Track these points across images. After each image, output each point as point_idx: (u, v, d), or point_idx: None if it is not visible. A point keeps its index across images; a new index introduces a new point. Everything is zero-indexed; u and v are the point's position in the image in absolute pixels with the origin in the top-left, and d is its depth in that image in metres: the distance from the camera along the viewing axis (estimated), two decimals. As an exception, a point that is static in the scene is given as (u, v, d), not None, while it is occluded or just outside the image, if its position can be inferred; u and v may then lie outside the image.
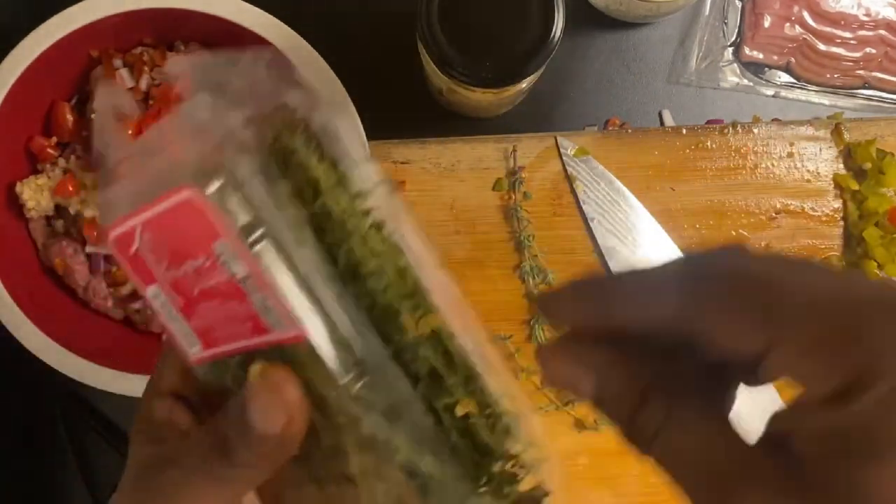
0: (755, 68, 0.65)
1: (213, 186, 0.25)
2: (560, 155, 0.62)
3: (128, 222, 0.27)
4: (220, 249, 0.26)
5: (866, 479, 0.20)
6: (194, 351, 0.28)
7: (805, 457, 0.21)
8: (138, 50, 0.59)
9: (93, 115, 0.58)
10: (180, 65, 0.28)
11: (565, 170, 0.62)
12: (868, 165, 0.63)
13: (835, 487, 0.20)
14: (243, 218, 0.25)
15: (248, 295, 0.26)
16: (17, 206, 0.58)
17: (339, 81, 0.55)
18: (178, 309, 0.28)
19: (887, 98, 0.65)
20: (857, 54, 0.64)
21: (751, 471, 0.22)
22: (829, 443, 0.21)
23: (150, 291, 0.28)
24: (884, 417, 0.20)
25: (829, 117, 0.64)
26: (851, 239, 0.64)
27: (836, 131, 0.63)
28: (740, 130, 0.62)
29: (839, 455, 0.21)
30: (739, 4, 0.65)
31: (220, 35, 0.57)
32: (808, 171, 0.63)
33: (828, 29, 0.64)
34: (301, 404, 0.26)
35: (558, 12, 0.50)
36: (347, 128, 0.27)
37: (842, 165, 0.63)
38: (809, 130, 0.63)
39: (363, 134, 0.55)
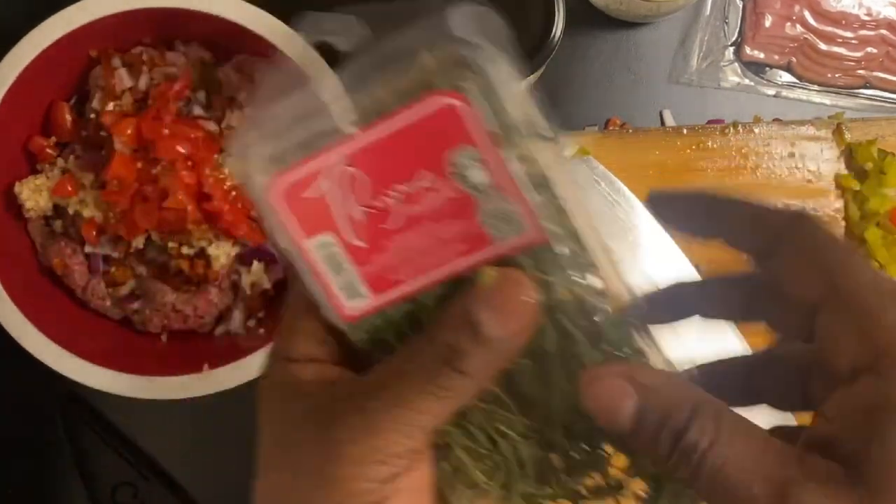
0: (756, 68, 0.65)
1: (473, 90, 0.25)
2: (560, 155, 0.62)
3: (309, 164, 0.27)
4: (460, 159, 0.25)
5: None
6: (354, 304, 0.28)
7: (846, 443, 0.23)
8: (137, 50, 0.59)
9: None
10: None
11: (565, 170, 0.62)
12: (869, 165, 0.63)
13: (876, 463, 0.22)
14: (491, 124, 0.25)
15: (478, 206, 0.26)
16: (15, 206, 0.58)
17: (339, 81, 0.55)
18: (352, 257, 0.27)
19: (888, 98, 0.65)
20: (859, 54, 0.64)
21: (803, 470, 0.23)
22: (864, 420, 0.22)
23: (315, 242, 0.27)
24: None
25: (830, 117, 0.64)
26: (853, 239, 0.64)
27: (838, 131, 0.63)
28: (741, 130, 0.62)
29: (876, 427, 0.22)
30: (740, 4, 0.64)
31: (220, 35, 0.57)
32: (810, 171, 0.63)
33: (829, 28, 0.64)
34: (537, 307, 0.26)
35: (558, 12, 0.50)
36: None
37: (843, 166, 0.63)
38: (811, 130, 0.63)
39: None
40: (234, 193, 0.57)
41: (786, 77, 0.65)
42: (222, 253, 0.57)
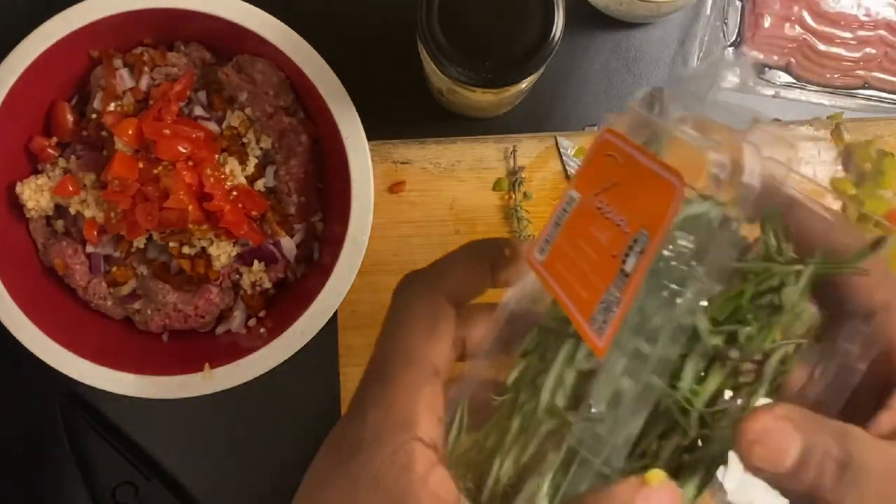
0: (755, 68, 0.65)
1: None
2: (560, 155, 0.62)
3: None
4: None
5: None
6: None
7: None
8: (138, 50, 0.59)
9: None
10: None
11: (565, 170, 0.62)
12: (868, 166, 0.63)
13: None
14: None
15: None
16: (17, 206, 0.58)
17: (339, 81, 0.55)
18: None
19: (887, 98, 0.65)
20: (857, 54, 0.64)
21: None
22: None
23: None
24: None
25: (828, 117, 0.64)
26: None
27: (836, 131, 0.63)
28: (741, 130, 0.62)
29: None
30: (739, 4, 0.65)
31: (221, 35, 0.57)
32: (808, 172, 0.63)
33: (828, 29, 0.64)
34: None
35: (558, 12, 0.50)
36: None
37: (841, 166, 0.63)
38: (809, 131, 0.63)
39: (363, 135, 0.55)
40: (234, 193, 0.57)
41: (785, 77, 0.65)
42: (223, 252, 0.57)
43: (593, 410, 0.29)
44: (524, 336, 0.33)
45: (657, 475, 0.28)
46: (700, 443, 0.31)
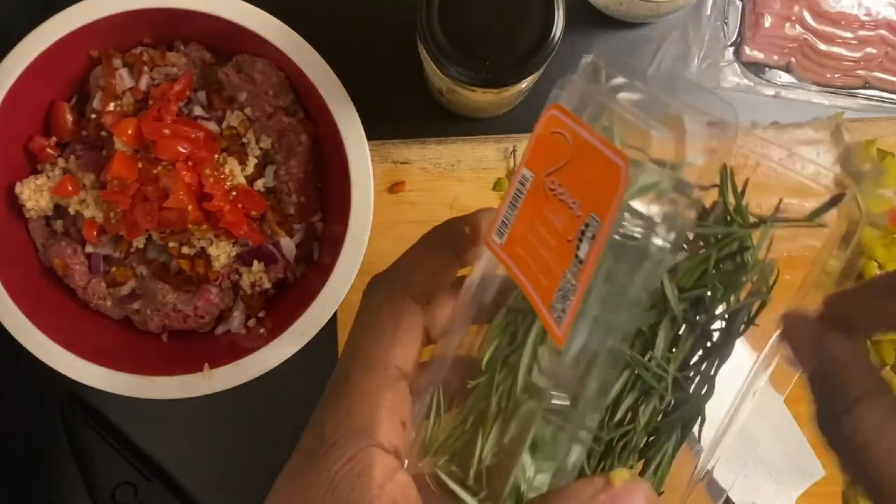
0: (756, 68, 0.65)
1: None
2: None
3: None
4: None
5: None
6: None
7: None
8: (138, 50, 0.59)
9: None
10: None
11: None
12: (868, 165, 0.63)
13: None
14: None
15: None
16: (16, 206, 0.58)
17: (339, 81, 0.55)
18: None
19: (887, 98, 0.65)
20: (858, 54, 0.64)
21: None
22: None
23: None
24: None
25: (829, 117, 0.64)
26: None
27: (836, 131, 0.63)
28: (742, 130, 0.62)
29: None
30: (740, 4, 0.65)
31: (221, 35, 0.57)
32: (809, 171, 0.63)
33: (828, 29, 0.64)
34: None
35: (558, 12, 0.50)
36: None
37: (840, 167, 0.63)
38: (809, 132, 0.63)
39: (363, 135, 0.55)
40: (234, 193, 0.57)
41: (785, 77, 0.65)
42: (222, 253, 0.57)
43: (559, 382, 0.28)
44: (493, 305, 0.33)
45: (621, 474, 0.28)
46: (674, 403, 0.32)
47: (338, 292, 0.55)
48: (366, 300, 0.34)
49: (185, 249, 0.57)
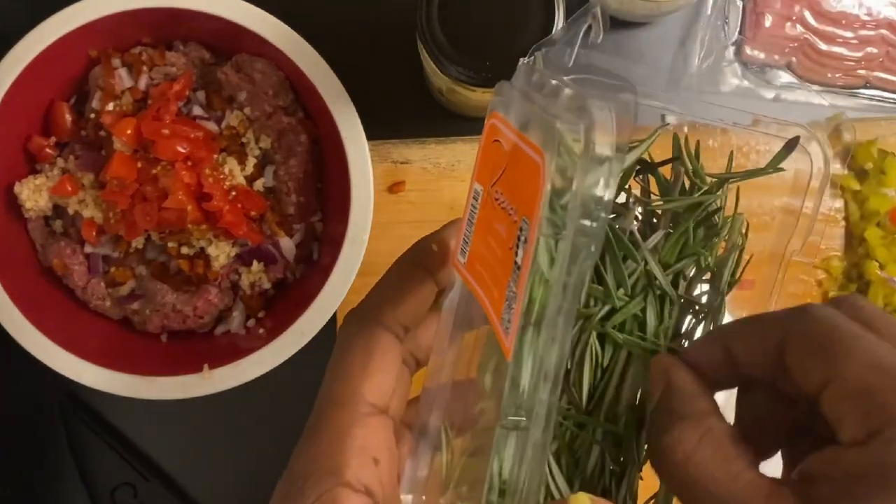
0: (756, 68, 0.65)
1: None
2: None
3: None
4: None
5: None
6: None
7: (826, 499, 0.25)
8: (137, 49, 0.59)
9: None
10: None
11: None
12: (869, 165, 0.63)
13: None
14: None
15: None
16: (15, 206, 0.58)
17: (339, 81, 0.55)
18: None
19: (888, 98, 0.65)
20: (859, 54, 0.64)
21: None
22: (850, 485, 0.25)
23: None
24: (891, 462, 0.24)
25: (828, 119, 0.64)
26: (853, 239, 0.64)
27: (836, 132, 0.63)
28: (743, 129, 0.62)
29: (856, 496, 0.24)
30: (740, 4, 0.64)
31: (220, 35, 0.57)
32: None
33: (829, 28, 0.64)
34: None
35: (558, 12, 0.50)
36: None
37: (841, 166, 0.63)
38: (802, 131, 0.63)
39: (363, 135, 0.55)
40: (233, 193, 0.57)
41: (786, 77, 0.65)
42: (222, 253, 0.57)
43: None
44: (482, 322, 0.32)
45: (580, 500, 0.27)
46: None
47: (337, 292, 0.55)
48: (339, 336, 0.33)
49: (184, 249, 0.57)
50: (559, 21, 0.50)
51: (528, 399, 0.27)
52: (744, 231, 0.34)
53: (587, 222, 0.25)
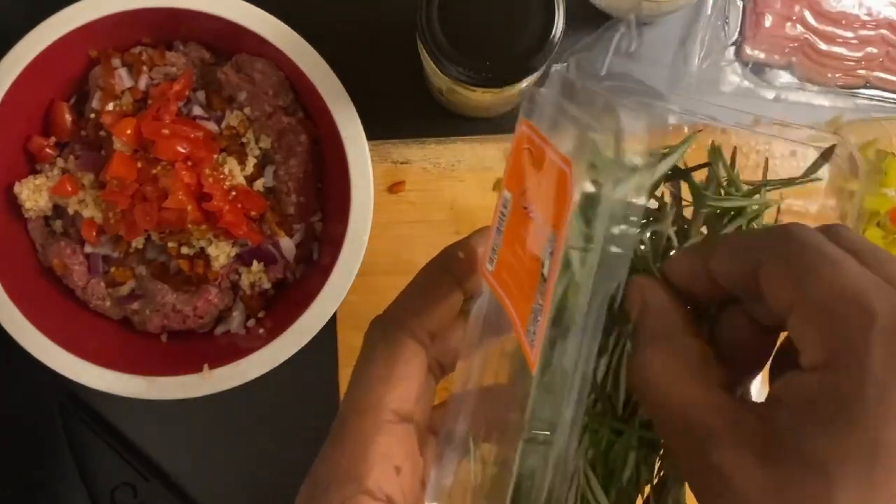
0: (756, 68, 0.65)
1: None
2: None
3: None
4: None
5: (826, 446, 0.23)
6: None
7: (784, 424, 0.24)
8: (137, 49, 0.59)
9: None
10: None
11: (565, 170, 0.62)
12: (869, 165, 0.63)
13: (801, 454, 0.23)
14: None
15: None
16: (15, 206, 0.58)
17: (339, 81, 0.55)
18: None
19: (888, 98, 0.65)
20: (859, 54, 0.64)
21: (733, 427, 0.25)
22: (805, 411, 0.24)
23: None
24: (849, 393, 0.23)
25: (828, 122, 0.64)
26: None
27: (837, 131, 0.63)
28: (742, 129, 0.62)
29: (811, 422, 0.24)
30: (740, 4, 0.64)
31: (220, 35, 0.57)
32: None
33: (829, 28, 0.64)
34: None
35: (558, 12, 0.50)
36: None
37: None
38: (811, 130, 0.63)
39: (363, 135, 0.55)
40: (233, 193, 0.57)
41: (786, 77, 0.65)
42: (222, 253, 0.57)
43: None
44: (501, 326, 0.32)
45: None
46: None
47: (337, 292, 0.55)
48: (364, 343, 0.33)
49: (184, 249, 0.57)
50: (559, 21, 0.50)
51: (551, 413, 0.26)
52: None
53: (616, 230, 0.25)
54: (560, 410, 0.26)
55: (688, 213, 0.33)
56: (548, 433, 0.26)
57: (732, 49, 0.65)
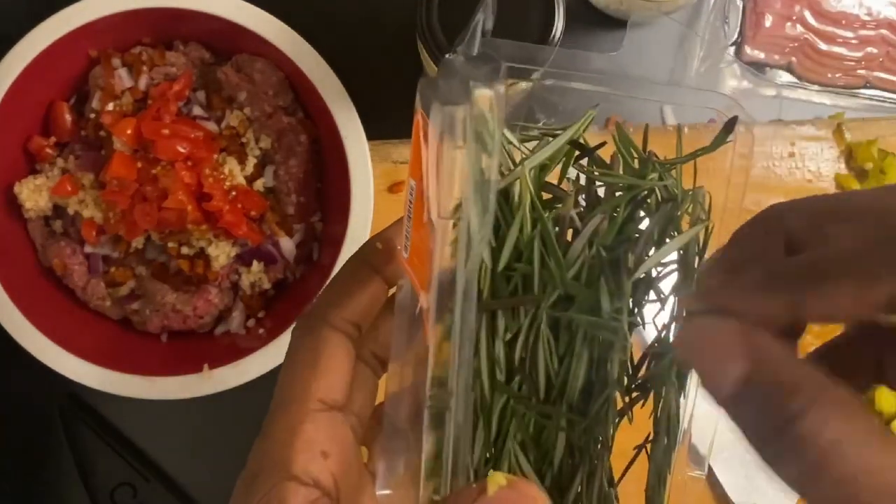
0: (756, 68, 0.65)
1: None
2: (560, 155, 0.62)
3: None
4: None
5: None
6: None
7: None
8: (137, 49, 0.59)
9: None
10: None
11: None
12: (869, 165, 0.63)
13: None
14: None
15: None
16: (15, 206, 0.58)
17: (339, 81, 0.55)
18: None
19: (889, 98, 0.65)
20: (859, 54, 0.64)
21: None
22: None
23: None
24: None
25: (830, 117, 0.64)
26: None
27: (838, 131, 0.63)
28: (742, 129, 0.62)
29: None
30: (740, 4, 0.64)
31: (220, 35, 0.57)
32: (810, 171, 0.63)
33: (829, 28, 0.64)
34: None
35: (558, 12, 0.50)
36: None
37: (843, 165, 0.63)
38: (811, 130, 0.63)
39: (363, 135, 0.55)
40: (233, 193, 0.57)
41: (786, 77, 0.65)
42: (222, 253, 0.57)
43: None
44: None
45: (496, 479, 0.26)
46: (653, 355, 0.32)
47: (337, 292, 0.55)
48: (290, 340, 0.34)
49: (184, 250, 0.57)
50: (559, 21, 0.50)
51: (447, 378, 0.27)
52: (707, 206, 0.34)
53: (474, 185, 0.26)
54: (453, 376, 0.27)
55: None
56: (445, 400, 0.27)
57: (732, 49, 0.65)
